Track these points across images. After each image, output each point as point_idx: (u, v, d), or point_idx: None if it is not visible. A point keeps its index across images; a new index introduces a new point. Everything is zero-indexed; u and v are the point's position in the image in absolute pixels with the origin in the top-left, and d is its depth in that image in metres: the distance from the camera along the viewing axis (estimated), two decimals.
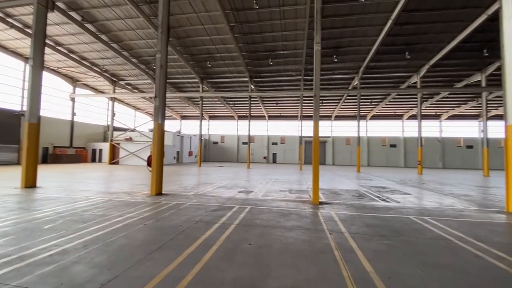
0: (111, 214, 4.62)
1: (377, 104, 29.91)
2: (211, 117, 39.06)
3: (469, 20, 13.16)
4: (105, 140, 26.46)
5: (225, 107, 33.37)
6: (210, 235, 3.56)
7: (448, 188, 9.98)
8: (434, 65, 18.12)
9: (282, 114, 36.42)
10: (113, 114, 24.16)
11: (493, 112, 28.10)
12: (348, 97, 27.22)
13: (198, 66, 20.40)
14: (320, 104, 30.56)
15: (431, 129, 34.15)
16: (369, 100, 28.27)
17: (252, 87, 22.75)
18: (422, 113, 30.11)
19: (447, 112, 32.14)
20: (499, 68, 15.03)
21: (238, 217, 4.62)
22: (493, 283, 2.33)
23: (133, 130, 24.74)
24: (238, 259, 2.76)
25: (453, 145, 33.18)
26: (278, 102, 30.10)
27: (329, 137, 35.90)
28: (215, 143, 38.43)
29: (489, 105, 23.73)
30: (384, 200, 6.84)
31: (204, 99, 29.01)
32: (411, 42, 15.67)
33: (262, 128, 38.27)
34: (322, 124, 35.57)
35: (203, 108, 33.19)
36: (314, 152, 6.23)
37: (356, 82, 20.76)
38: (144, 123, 27.19)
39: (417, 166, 19.42)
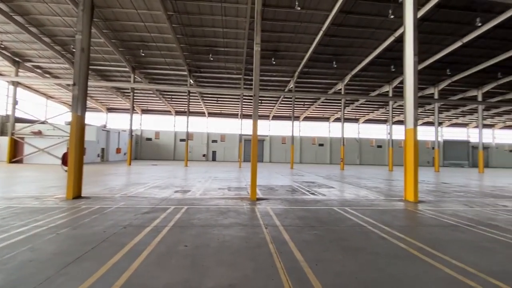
0: (10, 224, 3.77)
1: (309, 107, 32.63)
2: (144, 111, 35.97)
3: (381, 39, 15.57)
4: (3, 133, 21.42)
5: (161, 101, 31.17)
6: (140, 240, 3.27)
7: (363, 181, 11.67)
8: (355, 75, 20.83)
9: (222, 111, 36.23)
10: (15, 102, 19.76)
11: (397, 118, 34.17)
12: (284, 99, 28.89)
13: (129, 54, 18.46)
14: (259, 104, 31.53)
15: (351, 130, 39.27)
16: (303, 103, 30.65)
17: (192, 81, 21.90)
18: (345, 116, 34.23)
19: (363, 116, 37.42)
20: (402, 82, 17.99)
21: (173, 218, 4.37)
22: (395, 259, 2.82)
23: (43, 122, 20.76)
24: (172, 263, 2.61)
25: (367, 144, 38.87)
26: (219, 99, 29.80)
27: (267, 135, 37.46)
28: (149, 139, 35.54)
29: (394, 112, 28.71)
30: (313, 193, 7.53)
31: (136, 91, 26.48)
32: (338, 53, 17.62)
33: (202, 125, 37.32)
34: (261, 123, 36.91)
35: (135, 100, 30.30)
36: (253, 150, 6.39)
37: (291, 85, 22.19)
38: (59, 114, 23.09)
39: (340, 163, 22.09)
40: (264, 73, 21.20)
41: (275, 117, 37.47)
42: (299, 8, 12.11)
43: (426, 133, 38.66)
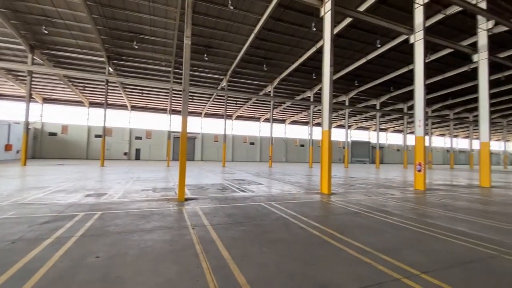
0: None
1: (241, 106, 33.32)
2: (47, 100, 29.94)
3: (306, 49, 17.17)
4: None
5: (70, 90, 26.46)
6: (36, 255, 2.70)
7: (288, 177, 12.68)
8: (283, 79, 22.35)
9: (149, 105, 33.37)
10: None
11: (316, 121, 38.39)
12: (217, 97, 28.67)
13: (26, 29, 15.00)
14: (191, 100, 30.26)
15: (279, 131, 42.04)
16: (235, 102, 31.07)
17: (111, 70, 19.40)
18: (274, 117, 36.35)
19: (289, 118, 40.55)
20: (321, 89, 20.05)
21: (82, 226, 3.78)
22: (310, 246, 3.16)
23: None
24: (78, 279, 2.25)
25: (292, 144, 42.33)
26: (144, 92, 27.30)
27: (198, 133, 36.48)
28: (53, 134, 29.80)
29: (314, 115, 32.15)
30: (242, 190, 7.74)
31: (36, 75, 21.78)
32: (269, 57, 18.55)
33: (123, 120, 33.53)
34: (193, 120, 35.65)
35: (35, 87, 24.92)
36: (181, 148, 6.11)
37: (224, 83, 22.21)
38: None
39: (269, 161, 23.42)
40: (196, 69, 20.56)
41: (208, 115, 36.85)
42: (232, 7, 12.20)
43: (338, 135, 44.77)
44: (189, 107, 32.81)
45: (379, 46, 15.13)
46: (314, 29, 12.74)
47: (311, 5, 8.70)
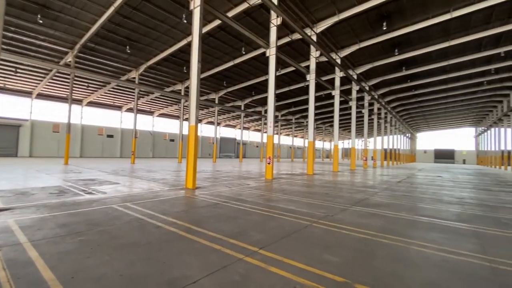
0: None
1: (96, 91, 27.78)
2: None
3: (177, 39, 16.50)
4: None
5: None
6: None
7: (153, 174, 11.80)
8: (151, 67, 20.52)
9: None
10: None
11: (187, 115, 37.97)
12: (59, 74, 22.39)
13: None
14: (13, 74, 22.07)
15: (146, 123, 38.39)
16: (86, 84, 25.43)
17: None
18: (139, 107, 32.84)
19: (159, 110, 37.89)
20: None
21: None
22: (166, 243, 3.04)
23: None
24: None
25: (161, 138, 39.89)
26: None
27: (26, 119, 27.18)
28: None
29: (185, 109, 31.61)
30: (90, 193, 6.43)
31: None
32: (133, 39, 16.41)
33: None
34: (16, 100, 26.01)
35: None
36: None
37: (70, 58, 17.67)
38: None
39: (131, 156, 20.85)
40: (24, 31, 15.17)
41: (43, 96, 27.99)
42: None
43: (209, 131, 46.47)
44: (12, 83, 23.75)
45: (244, 53, 16.85)
46: (185, 21, 12.46)
47: None
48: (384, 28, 13.90)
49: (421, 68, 20.33)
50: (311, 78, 14.78)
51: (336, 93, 17.88)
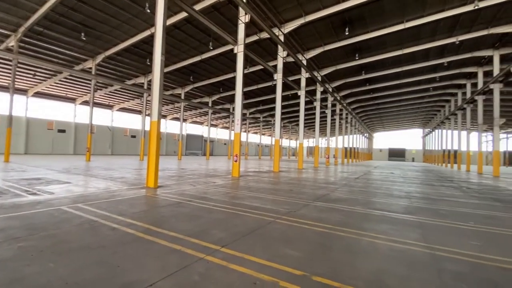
0: None
1: (45, 80, 25.05)
2: None
3: (139, 29, 15.56)
4: None
5: None
6: None
7: (110, 172, 11.01)
8: (110, 57, 19.08)
9: None
10: None
11: (148, 112, 36.08)
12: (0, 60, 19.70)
13: None
14: None
15: (104, 117, 35.71)
16: (33, 72, 22.77)
17: None
18: (96, 100, 30.50)
19: (119, 104, 35.48)
20: None
21: None
22: (121, 246, 2.85)
23: None
24: None
25: (121, 134, 37.45)
26: None
27: None
28: None
29: (148, 104, 30.03)
30: (34, 193, 5.78)
31: None
32: (89, 25, 15.10)
33: None
34: None
35: None
36: None
37: (12, 43, 15.66)
38: None
39: (86, 153, 19.21)
40: None
41: None
42: None
43: (174, 127, 44.80)
44: None
45: (211, 48, 16.52)
46: (149, 11, 11.80)
47: None
48: (347, 33, 14.69)
49: (378, 73, 21.94)
50: (278, 77, 15.05)
51: (302, 93, 18.47)
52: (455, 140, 28.95)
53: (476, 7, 11.90)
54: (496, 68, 17.19)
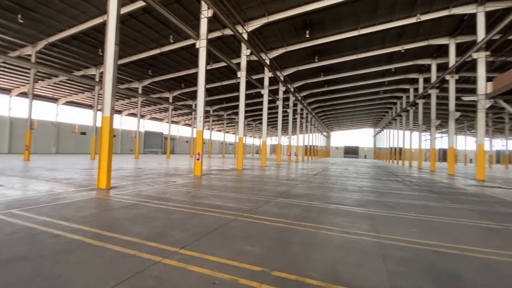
0: None
1: None
2: None
3: (89, 16, 14.17)
4: None
5: None
6: None
7: (54, 173, 9.87)
8: (54, 44, 17.09)
9: None
10: None
11: (100, 106, 33.20)
12: None
13: None
14: None
15: (47, 112, 31.93)
16: None
17: None
18: (37, 92, 27.12)
19: (66, 97, 31.98)
20: None
21: None
22: (64, 255, 2.56)
23: None
24: None
25: (68, 130, 33.87)
26: None
27: None
28: None
29: (100, 98, 27.61)
30: None
31: None
32: (28, 7, 13.31)
33: None
34: None
35: None
36: None
37: None
38: None
39: (25, 152, 16.92)
40: None
41: None
42: None
43: (131, 124, 41.93)
44: None
45: (172, 41, 15.80)
46: None
47: None
48: (307, 36, 15.28)
49: (336, 75, 23.31)
50: (242, 75, 15.03)
51: (265, 92, 18.73)
52: (400, 139, 32.24)
53: (418, 20, 13.34)
54: (433, 76, 19.55)
